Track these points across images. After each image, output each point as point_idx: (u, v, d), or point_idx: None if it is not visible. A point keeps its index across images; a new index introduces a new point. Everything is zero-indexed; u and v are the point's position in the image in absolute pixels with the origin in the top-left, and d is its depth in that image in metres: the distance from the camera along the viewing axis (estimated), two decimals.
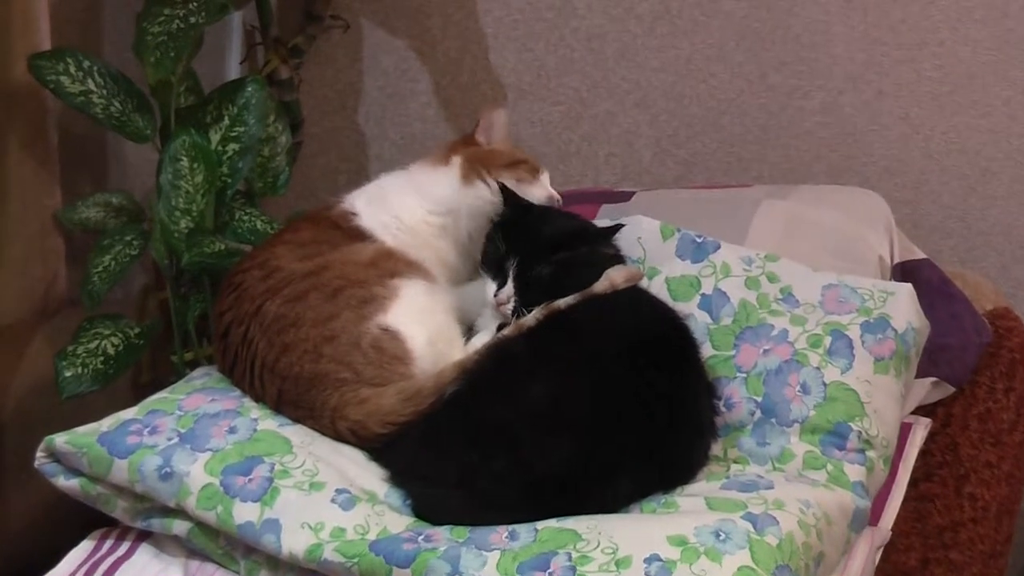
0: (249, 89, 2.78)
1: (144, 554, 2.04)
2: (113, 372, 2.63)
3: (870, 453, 2.08)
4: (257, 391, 2.13)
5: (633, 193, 2.73)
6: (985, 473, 2.48)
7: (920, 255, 2.57)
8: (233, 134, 2.76)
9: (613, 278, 2.14)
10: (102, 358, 2.63)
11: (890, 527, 2.19)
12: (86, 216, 2.83)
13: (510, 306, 2.13)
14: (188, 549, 2.01)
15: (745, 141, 3.13)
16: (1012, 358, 2.52)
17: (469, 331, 2.24)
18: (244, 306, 2.16)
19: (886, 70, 2.98)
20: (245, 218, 2.83)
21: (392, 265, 2.18)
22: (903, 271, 2.51)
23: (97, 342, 2.64)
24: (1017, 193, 2.93)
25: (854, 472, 2.06)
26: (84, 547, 2.08)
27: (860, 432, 2.08)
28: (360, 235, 2.28)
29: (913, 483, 2.30)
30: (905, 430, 2.32)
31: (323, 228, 2.29)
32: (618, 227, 2.23)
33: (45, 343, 2.82)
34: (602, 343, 2.05)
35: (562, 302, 2.10)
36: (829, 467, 2.05)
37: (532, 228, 2.18)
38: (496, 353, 2.06)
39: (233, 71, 3.25)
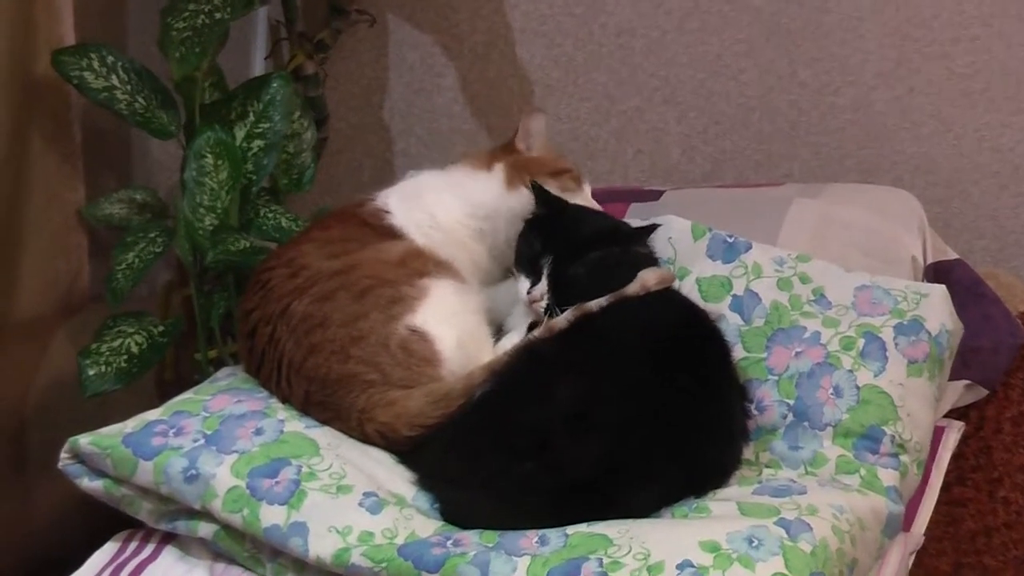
0: (274, 85, 2.76)
1: (169, 556, 2.02)
2: (137, 371, 2.62)
3: (903, 457, 2.06)
4: (284, 392, 2.11)
5: (662, 192, 2.71)
6: (1018, 477, 2.45)
7: (953, 255, 2.54)
8: (258, 130, 2.75)
9: (645, 280, 2.12)
10: (125, 356, 2.62)
11: (923, 532, 2.17)
12: (110, 212, 2.83)
13: (543, 304, 2.11)
14: (214, 552, 2.00)
15: (775, 139, 3.10)
16: None
17: (498, 332, 2.22)
18: (271, 305, 2.14)
19: (918, 67, 2.94)
20: (270, 215, 2.81)
21: (421, 264, 2.16)
22: (936, 272, 2.48)
23: (121, 340, 2.63)
24: None
25: (888, 477, 2.03)
26: (108, 549, 2.06)
27: (893, 436, 2.05)
28: (391, 233, 2.26)
29: (945, 487, 2.28)
30: (938, 433, 2.29)
31: (352, 226, 2.27)
32: (653, 227, 2.21)
33: (68, 340, 2.82)
34: (634, 346, 2.02)
35: (593, 304, 2.07)
36: (862, 471, 2.03)
37: (567, 227, 2.17)
38: (526, 355, 2.05)
39: (258, 66, 3.23)
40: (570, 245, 2.13)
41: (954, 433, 2.35)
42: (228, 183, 2.65)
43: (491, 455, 1.93)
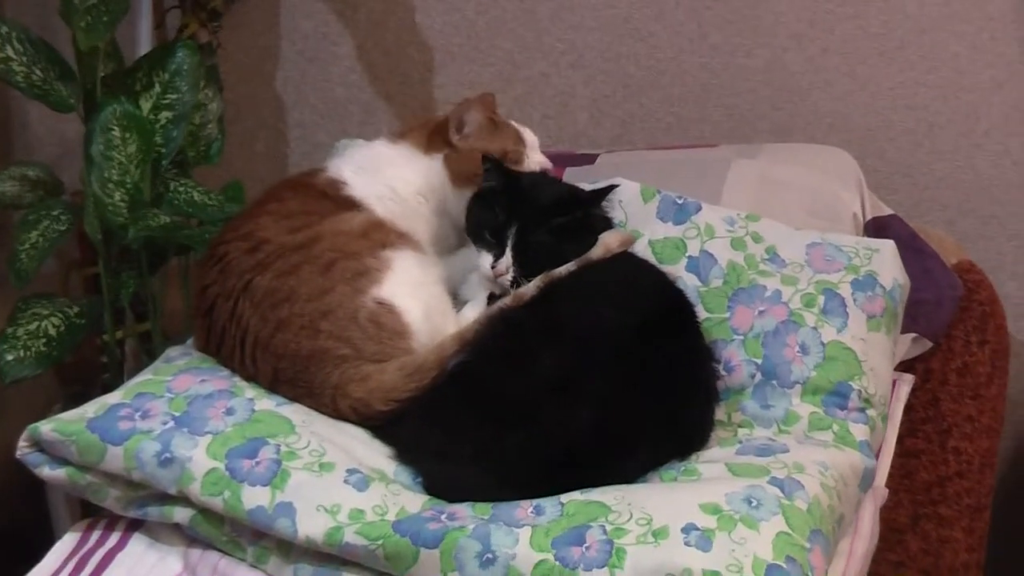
0: (180, 54, 2.69)
1: (138, 544, 1.95)
2: (57, 354, 2.54)
3: (870, 412, 2.08)
4: (249, 370, 2.05)
5: (597, 155, 2.69)
6: (967, 427, 2.51)
7: (888, 211, 2.58)
8: (166, 101, 2.67)
9: (608, 243, 2.10)
10: (44, 340, 2.53)
11: (883, 484, 2.19)
12: (1, 191, 2.69)
13: (509, 276, 2.08)
14: (188, 537, 1.93)
15: (685, 101, 3.09)
16: (983, 311, 2.54)
17: (452, 301, 2.18)
18: (231, 280, 2.07)
19: (831, 27, 2.95)
20: (181, 189, 2.72)
21: (383, 236, 2.12)
22: (875, 227, 2.51)
23: (37, 323, 2.55)
24: (963, 147, 2.94)
25: (859, 431, 2.06)
26: (69, 540, 1.99)
27: (860, 391, 2.08)
28: (350, 204, 2.21)
29: (898, 439, 2.30)
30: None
31: (310, 198, 2.21)
32: (610, 188, 2.18)
33: None
34: (608, 311, 2.01)
35: (561, 270, 2.05)
36: (835, 427, 2.05)
37: (526, 196, 2.13)
38: (499, 325, 2.01)
39: (145, 36, 3.10)
40: (532, 214, 2.09)
41: (905, 386, 2.38)
42: (138, 156, 2.57)
43: (477, 427, 1.89)
